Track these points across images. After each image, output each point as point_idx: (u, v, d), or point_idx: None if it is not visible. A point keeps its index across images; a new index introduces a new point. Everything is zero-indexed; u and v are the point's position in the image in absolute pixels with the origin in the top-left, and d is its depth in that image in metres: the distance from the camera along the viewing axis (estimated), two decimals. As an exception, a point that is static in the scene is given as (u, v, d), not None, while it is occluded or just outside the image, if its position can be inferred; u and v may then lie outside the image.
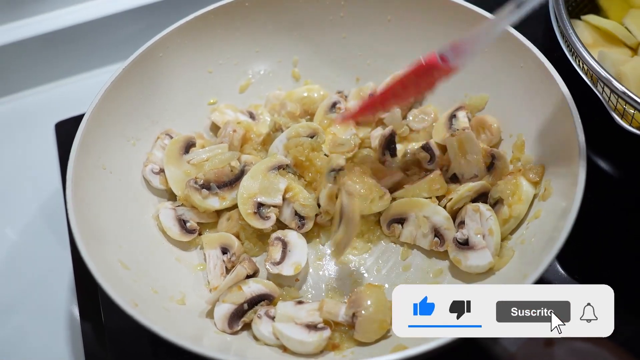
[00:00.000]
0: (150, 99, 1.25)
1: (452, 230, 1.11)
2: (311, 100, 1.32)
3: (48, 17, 1.54)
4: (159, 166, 1.19)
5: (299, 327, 1.01)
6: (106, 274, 0.96)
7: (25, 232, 1.34)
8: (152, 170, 1.19)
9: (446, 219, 1.12)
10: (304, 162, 1.18)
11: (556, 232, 0.94)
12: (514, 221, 1.09)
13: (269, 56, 1.36)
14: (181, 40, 1.26)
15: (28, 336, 1.20)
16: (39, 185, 1.40)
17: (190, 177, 1.16)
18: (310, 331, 1.00)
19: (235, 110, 1.32)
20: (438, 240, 1.11)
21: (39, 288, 1.26)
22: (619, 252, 1.17)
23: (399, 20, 1.30)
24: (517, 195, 1.09)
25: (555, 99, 1.09)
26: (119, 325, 1.12)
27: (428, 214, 1.12)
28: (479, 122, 1.23)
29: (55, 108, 1.51)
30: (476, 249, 1.07)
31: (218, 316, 1.04)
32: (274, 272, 1.09)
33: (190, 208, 1.17)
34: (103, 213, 1.09)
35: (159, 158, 1.20)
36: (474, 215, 1.10)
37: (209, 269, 1.12)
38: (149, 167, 1.19)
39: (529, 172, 1.11)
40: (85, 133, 1.10)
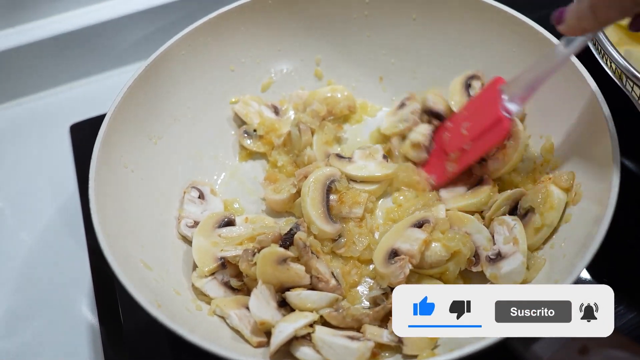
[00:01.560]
0: (172, 97, 1.23)
1: (488, 251, 1.07)
2: (335, 100, 1.31)
3: (62, 19, 1.52)
4: (192, 220, 1.16)
5: (341, 337, 0.98)
6: (129, 274, 0.94)
7: (42, 236, 1.32)
8: (186, 225, 1.16)
9: (487, 240, 1.07)
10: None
11: (589, 239, 0.92)
12: (547, 229, 1.06)
13: (291, 55, 1.34)
14: (204, 38, 1.24)
15: (47, 342, 1.19)
16: (54, 188, 1.38)
17: (216, 247, 1.10)
18: (353, 340, 0.97)
19: (260, 103, 1.31)
20: (473, 260, 1.07)
21: (56, 293, 1.24)
22: (622, 252, 1.14)
23: (424, 19, 1.28)
24: (548, 203, 1.06)
25: (585, 99, 1.06)
26: (138, 329, 1.11)
27: (471, 231, 1.08)
28: None
29: (70, 110, 1.49)
30: (507, 257, 1.04)
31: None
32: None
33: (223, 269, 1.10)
34: (125, 212, 1.08)
35: (191, 212, 1.17)
36: (501, 228, 1.08)
37: (241, 327, 1.03)
38: (183, 222, 1.16)
39: (559, 179, 1.08)
40: (107, 132, 1.08)
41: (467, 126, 1.14)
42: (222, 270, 1.09)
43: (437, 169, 1.20)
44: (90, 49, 1.53)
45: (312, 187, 1.13)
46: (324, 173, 1.15)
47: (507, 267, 1.03)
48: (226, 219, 1.15)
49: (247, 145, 1.27)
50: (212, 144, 1.28)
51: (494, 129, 1.08)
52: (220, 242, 1.11)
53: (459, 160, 1.15)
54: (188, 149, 1.25)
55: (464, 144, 1.13)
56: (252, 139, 1.27)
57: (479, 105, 1.15)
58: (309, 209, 1.11)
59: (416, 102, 1.28)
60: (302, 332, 0.98)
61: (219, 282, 1.09)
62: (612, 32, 1.29)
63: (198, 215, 1.17)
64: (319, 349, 0.97)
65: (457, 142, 1.15)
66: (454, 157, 1.16)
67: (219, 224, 1.14)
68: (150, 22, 1.55)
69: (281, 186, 1.20)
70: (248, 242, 1.09)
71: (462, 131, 1.15)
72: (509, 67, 1.19)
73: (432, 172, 1.20)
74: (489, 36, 1.23)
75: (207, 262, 1.09)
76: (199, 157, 1.26)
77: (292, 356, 0.99)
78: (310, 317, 0.99)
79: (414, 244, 1.04)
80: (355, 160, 1.23)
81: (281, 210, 1.20)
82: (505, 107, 1.06)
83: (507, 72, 1.20)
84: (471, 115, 1.15)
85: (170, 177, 1.21)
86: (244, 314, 1.03)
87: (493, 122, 1.07)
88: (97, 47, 1.54)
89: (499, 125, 1.07)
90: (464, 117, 1.17)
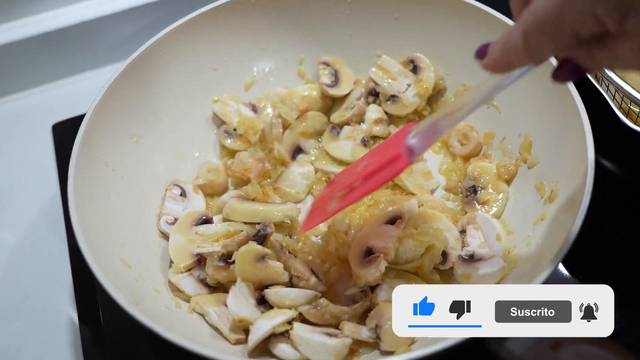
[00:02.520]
0: (154, 96, 1.24)
1: (457, 250, 1.08)
2: (312, 98, 1.31)
3: (44, 18, 1.52)
4: (173, 217, 1.17)
5: (319, 334, 0.98)
6: (107, 272, 0.95)
7: (24, 235, 1.32)
8: (166, 222, 1.16)
9: (455, 239, 1.09)
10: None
11: (563, 234, 0.93)
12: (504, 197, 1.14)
13: (274, 54, 1.35)
14: (185, 37, 1.25)
15: (27, 341, 1.19)
16: (36, 188, 1.38)
17: (193, 244, 1.11)
18: (331, 337, 0.98)
19: (238, 102, 1.31)
20: (441, 258, 1.07)
21: (37, 292, 1.25)
22: (625, 252, 1.16)
23: (406, 18, 1.29)
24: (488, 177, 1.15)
25: (562, 99, 1.07)
26: (118, 328, 1.11)
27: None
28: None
29: (52, 109, 1.49)
30: (486, 259, 1.05)
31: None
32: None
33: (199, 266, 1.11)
34: (105, 211, 1.08)
35: (172, 209, 1.18)
36: (475, 232, 1.09)
37: (220, 325, 1.03)
38: (163, 219, 1.16)
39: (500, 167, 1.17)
40: (87, 130, 1.08)
41: (364, 165, 1.03)
42: (198, 266, 1.10)
43: (315, 212, 1.06)
44: (73, 48, 1.53)
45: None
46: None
47: (486, 269, 1.04)
48: (204, 217, 1.15)
49: (227, 144, 1.28)
50: (193, 143, 1.28)
51: (389, 166, 0.95)
52: (197, 239, 1.11)
53: (343, 198, 1.00)
54: (170, 148, 1.25)
55: (354, 182, 1.00)
56: (232, 138, 1.28)
57: (383, 146, 1.06)
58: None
59: (361, 86, 1.31)
60: (280, 330, 0.98)
61: (195, 278, 1.09)
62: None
63: (179, 213, 1.18)
64: (297, 346, 0.98)
65: (348, 180, 1.02)
66: (340, 195, 1.02)
67: (196, 222, 1.14)
68: (135, 20, 1.54)
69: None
70: (224, 239, 1.09)
71: (357, 169, 1.03)
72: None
73: (309, 218, 1.06)
74: (470, 35, 1.24)
75: (183, 258, 1.10)
76: (181, 156, 1.26)
77: (271, 353, 1.00)
78: (289, 314, 1.00)
79: (388, 241, 1.05)
80: (340, 138, 1.27)
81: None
82: (407, 144, 0.93)
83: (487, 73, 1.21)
84: (371, 156, 1.05)
85: (152, 176, 1.21)
86: (223, 312, 1.04)
87: (390, 159, 0.94)
88: (80, 46, 1.53)
89: (395, 161, 0.94)
90: (363, 158, 1.07)
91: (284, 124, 1.27)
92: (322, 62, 1.32)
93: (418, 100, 1.25)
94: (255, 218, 1.12)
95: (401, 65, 1.28)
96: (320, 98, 1.32)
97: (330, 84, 1.30)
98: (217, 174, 1.24)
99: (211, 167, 1.25)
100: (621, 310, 1.07)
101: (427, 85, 1.25)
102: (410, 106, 1.26)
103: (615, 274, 1.14)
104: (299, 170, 1.24)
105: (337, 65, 1.33)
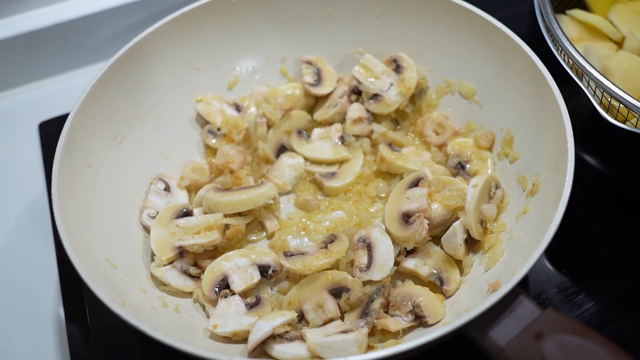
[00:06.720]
0: (137, 96, 1.24)
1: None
2: (296, 97, 1.31)
3: (29, 16, 1.51)
4: (155, 210, 1.17)
5: (334, 334, 0.98)
6: (93, 273, 0.95)
7: (10, 234, 1.32)
8: (149, 215, 1.17)
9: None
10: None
11: (544, 227, 0.94)
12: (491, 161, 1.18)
13: (257, 52, 1.35)
14: (168, 37, 1.25)
15: (14, 339, 1.19)
16: (23, 187, 1.38)
17: (174, 237, 1.11)
18: (347, 332, 0.98)
19: (222, 101, 1.31)
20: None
21: (24, 290, 1.24)
22: (606, 246, 1.17)
23: (387, 15, 1.30)
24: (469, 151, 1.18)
25: (543, 94, 1.09)
26: (105, 327, 1.11)
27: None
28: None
29: (38, 108, 1.48)
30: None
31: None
32: (365, 279, 1.05)
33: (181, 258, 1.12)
34: (89, 212, 1.08)
35: (155, 203, 1.18)
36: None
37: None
38: (146, 212, 1.17)
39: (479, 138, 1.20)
40: (70, 131, 1.08)
41: None
42: (181, 259, 1.11)
43: None
44: (59, 47, 1.53)
45: None
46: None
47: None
48: (184, 210, 1.16)
49: (211, 144, 1.28)
50: (177, 143, 1.28)
51: None
52: (178, 232, 1.12)
53: None
54: (154, 148, 1.25)
55: None
56: (216, 138, 1.28)
57: None
58: None
59: (344, 84, 1.32)
60: (280, 331, 0.99)
61: (178, 270, 1.11)
62: (572, 29, 1.32)
63: (162, 207, 1.18)
64: (318, 354, 0.98)
65: None
66: None
67: (177, 215, 1.15)
68: (121, 19, 1.54)
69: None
70: (205, 232, 1.10)
71: None
72: (471, 61, 1.23)
73: None
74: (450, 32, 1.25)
75: (165, 251, 1.10)
76: (165, 156, 1.26)
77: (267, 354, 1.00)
78: (289, 316, 1.01)
79: (421, 200, 1.07)
80: (313, 140, 1.28)
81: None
82: None
83: (470, 66, 1.23)
84: None
85: (136, 176, 1.21)
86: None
87: None
88: (67, 44, 1.53)
89: None
90: None
91: (268, 123, 1.28)
92: (305, 61, 1.33)
93: (400, 99, 1.26)
94: (240, 208, 1.14)
95: (384, 64, 1.29)
96: (303, 97, 1.32)
97: (313, 83, 1.31)
98: (201, 174, 1.25)
99: (195, 166, 1.25)
100: (602, 303, 1.10)
101: (410, 84, 1.26)
102: (393, 105, 1.27)
103: (596, 266, 1.15)
104: (289, 162, 1.26)
105: (320, 63, 1.33)
